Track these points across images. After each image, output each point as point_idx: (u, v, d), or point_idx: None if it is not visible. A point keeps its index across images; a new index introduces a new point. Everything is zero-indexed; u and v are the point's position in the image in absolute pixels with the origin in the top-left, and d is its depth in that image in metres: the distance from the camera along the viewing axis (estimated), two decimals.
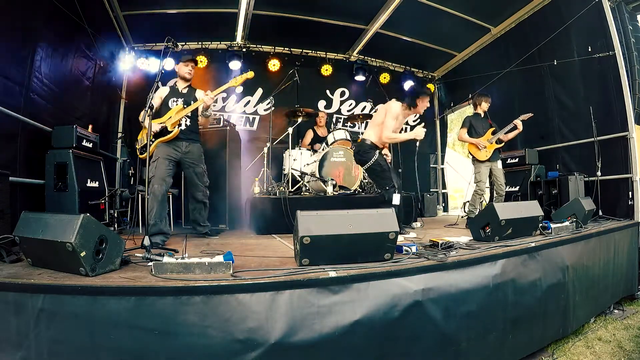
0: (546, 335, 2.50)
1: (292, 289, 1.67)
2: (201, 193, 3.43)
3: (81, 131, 3.58)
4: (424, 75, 7.53)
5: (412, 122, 7.46)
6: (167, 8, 5.07)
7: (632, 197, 3.86)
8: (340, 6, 5.22)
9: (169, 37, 2.86)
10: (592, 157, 4.20)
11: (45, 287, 1.57)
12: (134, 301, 1.54)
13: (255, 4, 5.00)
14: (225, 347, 1.56)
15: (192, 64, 3.42)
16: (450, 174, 8.48)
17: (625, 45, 4.10)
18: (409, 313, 1.85)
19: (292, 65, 6.23)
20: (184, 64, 3.38)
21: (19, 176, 3.04)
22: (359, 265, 1.91)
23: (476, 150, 4.15)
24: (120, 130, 5.63)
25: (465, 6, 5.17)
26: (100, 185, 3.82)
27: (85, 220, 1.69)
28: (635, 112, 3.94)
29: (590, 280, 2.88)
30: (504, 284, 2.22)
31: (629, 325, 2.98)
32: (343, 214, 2.02)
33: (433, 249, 2.35)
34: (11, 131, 3.06)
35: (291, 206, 3.85)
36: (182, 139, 3.29)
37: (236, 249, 2.67)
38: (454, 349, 1.99)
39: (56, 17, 3.66)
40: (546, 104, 4.97)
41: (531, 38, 5.05)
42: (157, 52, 5.72)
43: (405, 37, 6.07)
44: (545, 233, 2.85)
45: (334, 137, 5.04)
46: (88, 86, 4.52)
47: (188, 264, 1.75)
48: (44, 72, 3.51)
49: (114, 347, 1.51)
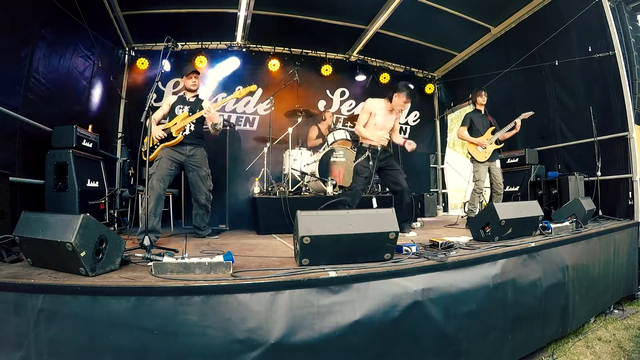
0: (546, 335, 2.50)
1: (292, 289, 1.67)
2: (204, 197, 3.44)
3: (81, 131, 3.58)
4: (424, 75, 7.53)
5: (412, 122, 7.47)
6: (167, 8, 5.07)
7: (632, 197, 3.86)
8: (340, 6, 5.22)
9: (169, 37, 2.86)
10: (592, 157, 4.20)
11: (45, 287, 1.57)
12: (134, 301, 1.53)
13: (255, 4, 4.99)
14: (225, 347, 1.56)
15: (194, 75, 3.51)
16: (450, 174, 8.48)
17: (625, 45, 4.10)
18: (409, 313, 1.85)
19: (292, 65, 6.25)
20: (187, 77, 3.51)
21: (18, 176, 3.04)
22: (359, 265, 1.91)
23: (475, 151, 4.15)
24: (120, 130, 5.64)
25: (465, 6, 5.17)
26: (100, 185, 3.82)
27: (85, 220, 1.69)
28: (635, 112, 3.94)
29: (590, 280, 2.87)
30: (504, 284, 2.22)
31: (629, 325, 2.98)
32: (343, 214, 2.02)
33: (433, 249, 2.35)
34: (11, 131, 3.06)
35: (291, 206, 3.86)
36: (187, 143, 3.35)
37: (236, 249, 2.67)
38: (454, 348, 1.99)
39: (56, 17, 3.65)
40: (547, 104, 4.97)
41: (531, 38, 5.05)
42: (157, 52, 5.72)
43: (405, 37, 6.07)
44: (545, 233, 2.85)
45: (334, 137, 5.04)
46: (88, 86, 4.52)
47: (188, 264, 1.75)
48: (43, 71, 3.51)
49: (114, 347, 1.51)
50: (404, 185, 3.56)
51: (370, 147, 3.52)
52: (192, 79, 3.49)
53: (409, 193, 3.59)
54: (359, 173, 3.51)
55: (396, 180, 3.58)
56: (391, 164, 3.63)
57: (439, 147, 7.80)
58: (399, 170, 3.65)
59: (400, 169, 3.70)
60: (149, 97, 2.66)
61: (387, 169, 3.63)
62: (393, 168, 3.63)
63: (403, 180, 3.58)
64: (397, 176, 3.59)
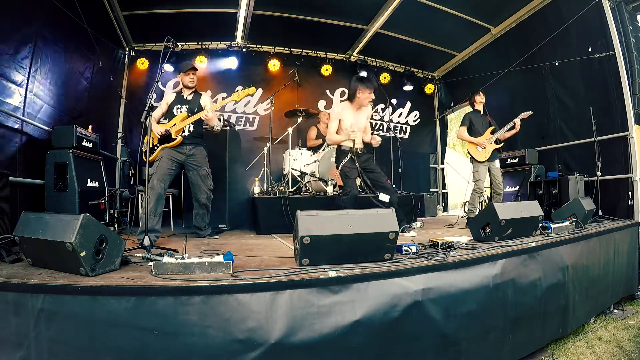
0: (546, 335, 2.50)
1: (292, 289, 1.67)
2: (205, 196, 3.44)
3: (81, 131, 3.58)
4: (424, 75, 7.53)
5: (412, 122, 7.47)
6: (167, 8, 5.07)
7: (632, 197, 3.86)
8: (340, 6, 5.23)
9: (169, 37, 2.86)
10: (592, 157, 4.19)
11: (45, 287, 1.57)
12: (134, 301, 1.53)
13: (255, 4, 5.00)
14: (225, 347, 1.56)
15: (192, 71, 3.46)
16: (450, 174, 8.48)
17: (625, 45, 4.10)
18: (409, 313, 1.85)
19: (292, 65, 6.25)
20: (185, 74, 3.44)
21: (18, 176, 3.05)
22: (359, 265, 1.91)
23: (475, 151, 4.15)
24: (120, 130, 5.63)
25: (465, 6, 5.17)
26: (100, 185, 3.82)
27: (85, 220, 1.69)
28: (635, 112, 3.94)
29: (590, 280, 2.87)
30: (504, 283, 2.22)
31: (629, 325, 2.98)
32: (343, 214, 2.02)
33: (433, 249, 2.35)
34: (11, 131, 3.06)
35: (291, 206, 3.85)
36: (186, 143, 3.34)
37: (236, 249, 2.67)
38: (454, 348, 1.99)
39: (56, 17, 3.66)
40: (547, 104, 4.97)
41: (531, 38, 5.05)
42: (157, 52, 5.72)
43: (405, 37, 6.07)
44: (545, 233, 2.85)
45: None
46: (88, 86, 4.52)
47: (188, 264, 1.75)
48: (43, 71, 3.51)
49: (114, 347, 1.51)
50: (387, 185, 3.45)
51: (350, 149, 3.41)
52: (190, 75, 3.44)
53: (395, 193, 3.49)
54: (347, 175, 3.41)
55: (380, 181, 3.46)
56: (371, 167, 3.50)
57: (439, 147, 7.80)
58: (380, 172, 3.51)
59: (381, 171, 3.55)
60: (149, 97, 2.66)
61: (368, 171, 3.49)
62: (374, 171, 3.49)
63: (385, 180, 3.47)
64: (379, 177, 3.47)
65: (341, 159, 3.46)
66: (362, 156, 3.49)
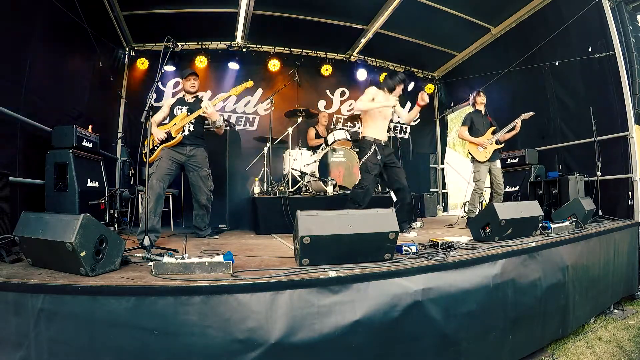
0: (546, 335, 2.50)
1: (292, 289, 1.67)
2: (205, 197, 3.44)
3: (81, 131, 3.57)
4: (424, 75, 7.53)
5: (413, 122, 7.46)
6: (167, 8, 5.07)
7: (632, 197, 3.86)
8: (340, 6, 5.22)
9: (169, 37, 2.86)
10: (592, 157, 4.19)
11: (45, 287, 1.57)
12: (134, 301, 1.53)
13: (255, 4, 4.99)
14: (225, 347, 1.56)
15: (192, 77, 3.49)
16: (450, 174, 8.48)
17: (625, 45, 4.10)
18: (409, 313, 1.85)
19: (292, 65, 6.25)
20: (186, 80, 3.49)
21: (18, 176, 3.04)
22: (359, 265, 1.91)
23: (476, 151, 4.15)
24: (120, 130, 5.63)
25: (465, 6, 5.17)
26: (100, 185, 3.81)
27: (85, 220, 1.69)
28: (635, 112, 3.94)
29: (590, 280, 2.88)
30: (504, 284, 2.22)
31: (629, 325, 2.98)
32: (343, 214, 2.01)
33: (433, 249, 2.35)
34: (11, 131, 3.06)
35: (291, 206, 3.85)
36: (186, 143, 3.35)
37: (236, 249, 2.67)
38: (454, 348, 1.99)
39: (56, 17, 3.65)
40: (547, 104, 4.97)
41: (531, 38, 5.05)
42: (157, 52, 5.70)
43: (405, 37, 6.07)
44: (545, 233, 2.85)
45: (334, 137, 5.04)
46: (88, 86, 4.52)
47: (188, 264, 1.75)
48: (43, 71, 3.50)
49: (114, 347, 1.51)
50: (404, 183, 3.52)
51: (375, 140, 3.44)
52: (191, 80, 3.48)
53: (409, 192, 3.56)
54: (369, 170, 3.38)
55: (398, 178, 3.51)
56: (394, 161, 3.56)
57: (439, 147, 7.80)
58: (401, 168, 3.58)
59: (401, 166, 3.62)
60: (149, 97, 2.66)
61: (391, 165, 3.54)
62: (396, 165, 3.55)
63: (404, 179, 3.53)
64: (400, 174, 3.52)
65: (365, 152, 3.44)
66: (386, 149, 3.52)
